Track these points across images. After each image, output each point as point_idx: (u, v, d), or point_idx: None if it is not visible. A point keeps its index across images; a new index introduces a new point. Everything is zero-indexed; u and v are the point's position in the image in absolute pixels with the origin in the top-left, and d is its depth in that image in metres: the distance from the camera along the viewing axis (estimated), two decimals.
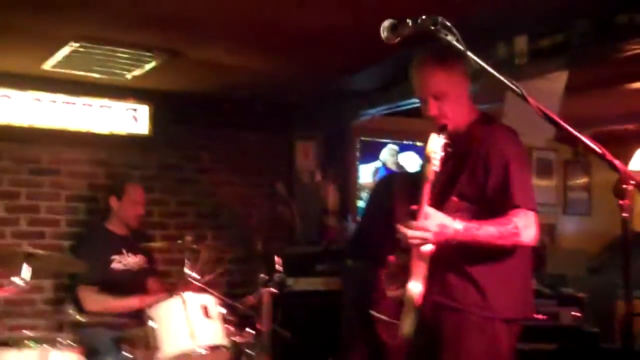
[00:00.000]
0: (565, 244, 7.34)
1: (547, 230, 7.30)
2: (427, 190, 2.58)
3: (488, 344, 2.64)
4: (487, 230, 2.56)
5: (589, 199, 7.55)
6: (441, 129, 2.64)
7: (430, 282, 2.68)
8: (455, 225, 2.54)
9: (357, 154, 6.33)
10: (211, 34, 3.99)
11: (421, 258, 2.67)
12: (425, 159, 2.59)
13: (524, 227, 2.58)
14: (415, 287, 2.69)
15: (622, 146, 6.51)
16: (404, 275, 2.75)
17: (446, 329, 2.69)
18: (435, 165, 2.58)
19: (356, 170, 6.32)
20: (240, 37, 4.04)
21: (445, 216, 2.56)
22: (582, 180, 7.56)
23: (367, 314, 4.16)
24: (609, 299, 5.29)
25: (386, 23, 2.12)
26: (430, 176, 2.59)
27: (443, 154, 2.59)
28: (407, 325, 2.75)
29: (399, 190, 4.26)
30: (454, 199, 2.71)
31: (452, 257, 2.65)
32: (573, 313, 4.66)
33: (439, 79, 2.72)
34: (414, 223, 2.51)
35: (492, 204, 2.64)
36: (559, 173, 7.45)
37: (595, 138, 2.00)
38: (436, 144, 2.61)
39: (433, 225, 2.51)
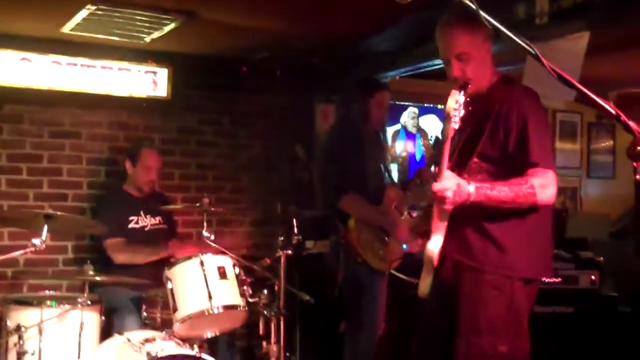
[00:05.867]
0: (588, 207, 7.28)
1: (570, 193, 7.24)
2: (447, 148, 2.59)
3: (506, 302, 2.67)
4: (501, 190, 2.58)
5: (614, 161, 7.48)
6: (462, 87, 2.63)
7: (451, 241, 2.72)
8: (469, 187, 2.56)
9: None
10: None
11: (441, 217, 2.69)
12: (445, 116, 2.59)
13: (541, 186, 2.60)
14: (434, 247, 2.71)
15: None
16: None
17: (465, 287, 2.71)
18: (455, 122, 2.57)
19: None
20: None
21: (459, 178, 2.58)
22: (607, 142, 7.47)
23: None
24: (631, 264, 5.26)
25: None
26: (450, 134, 2.59)
27: (463, 111, 2.58)
28: (425, 284, 2.79)
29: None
30: (475, 160, 2.72)
31: (472, 216, 2.68)
32: (591, 277, 4.65)
33: (462, 40, 2.75)
34: (436, 183, 2.55)
35: (513, 164, 2.66)
36: (582, 136, 7.37)
37: (619, 100, 1.97)
38: (456, 102, 2.60)
39: (452, 183, 2.53)
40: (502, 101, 2.72)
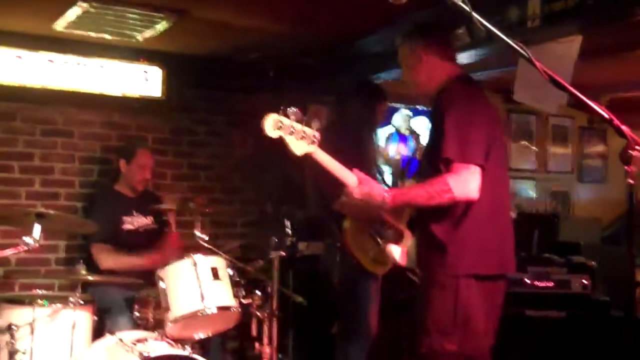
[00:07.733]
0: (580, 211, 7.31)
1: (562, 197, 7.27)
2: (327, 164, 2.79)
3: (451, 301, 2.69)
4: (416, 193, 2.68)
5: (605, 166, 7.51)
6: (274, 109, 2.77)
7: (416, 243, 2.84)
8: (385, 195, 2.68)
9: None
10: None
11: (397, 216, 2.79)
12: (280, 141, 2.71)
13: (457, 182, 2.61)
14: (394, 248, 2.80)
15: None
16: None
17: (418, 288, 2.84)
18: (311, 138, 2.75)
19: None
20: None
21: (376, 185, 2.74)
22: (598, 147, 7.50)
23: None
24: (623, 268, 5.25)
25: None
26: (303, 150, 2.76)
27: (297, 124, 2.76)
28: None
29: None
30: (431, 163, 2.77)
31: (422, 219, 2.78)
32: (583, 281, 4.65)
33: (401, 51, 3.06)
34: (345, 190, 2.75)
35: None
36: (574, 140, 7.40)
37: (612, 105, 1.99)
38: (269, 123, 2.74)
39: (358, 192, 2.71)
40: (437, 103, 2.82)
